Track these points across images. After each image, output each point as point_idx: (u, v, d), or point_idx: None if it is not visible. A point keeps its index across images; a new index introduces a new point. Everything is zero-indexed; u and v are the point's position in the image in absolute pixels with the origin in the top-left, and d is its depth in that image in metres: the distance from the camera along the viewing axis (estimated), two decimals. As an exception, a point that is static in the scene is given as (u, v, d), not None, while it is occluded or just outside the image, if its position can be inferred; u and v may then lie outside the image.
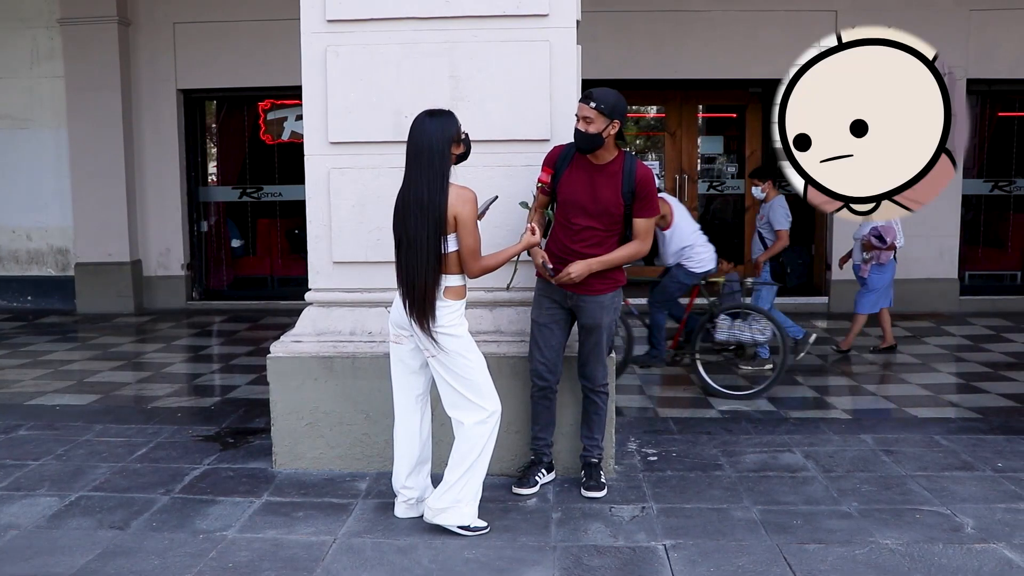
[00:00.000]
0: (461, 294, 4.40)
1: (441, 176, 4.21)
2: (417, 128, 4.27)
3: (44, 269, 11.70)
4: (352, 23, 5.24)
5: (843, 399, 7.10)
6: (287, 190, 11.66)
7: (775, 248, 8.14)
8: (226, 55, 11.06)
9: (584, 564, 4.13)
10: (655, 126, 13.02)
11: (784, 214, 8.17)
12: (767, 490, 5.03)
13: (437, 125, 4.25)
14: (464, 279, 4.41)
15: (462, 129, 4.36)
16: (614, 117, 4.65)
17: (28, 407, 6.88)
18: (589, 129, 4.66)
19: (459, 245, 4.30)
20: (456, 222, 4.25)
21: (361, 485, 5.11)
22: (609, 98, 4.65)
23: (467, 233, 4.28)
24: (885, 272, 8.47)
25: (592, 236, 4.78)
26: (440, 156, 4.21)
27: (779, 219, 8.14)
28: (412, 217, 4.23)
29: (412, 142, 4.26)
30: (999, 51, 10.72)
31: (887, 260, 8.40)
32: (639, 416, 6.66)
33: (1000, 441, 5.88)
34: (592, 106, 4.63)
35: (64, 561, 4.16)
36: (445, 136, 4.24)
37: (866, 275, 8.47)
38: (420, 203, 4.21)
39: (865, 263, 8.46)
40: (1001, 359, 8.49)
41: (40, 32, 11.22)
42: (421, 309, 4.26)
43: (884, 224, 8.18)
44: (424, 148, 4.22)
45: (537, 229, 4.65)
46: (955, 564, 4.11)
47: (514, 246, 4.61)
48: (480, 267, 4.38)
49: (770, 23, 10.65)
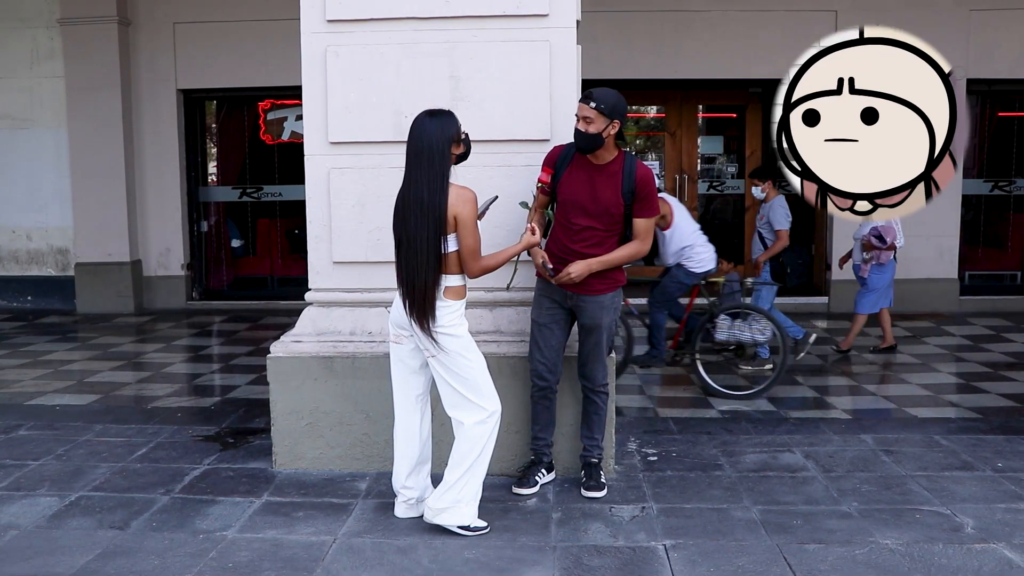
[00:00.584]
0: (461, 294, 4.40)
1: (441, 176, 4.21)
2: (417, 128, 4.27)
3: (44, 269, 11.70)
4: (352, 23, 5.24)
5: (843, 399, 7.10)
6: (287, 190, 11.66)
7: (775, 248, 8.14)
8: (226, 55, 11.06)
9: (584, 564, 4.13)
10: (655, 126, 13.02)
11: (784, 214, 8.17)
12: (767, 490, 5.03)
13: (437, 125, 4.25)
14: (464, 279, 4.41)
15: (462, 129, 4.36)
16: (614, 117, 4.65)
17: (28, 407, 6.88)
18: (589, 129, 4.65)
19: (459, 245, 4.30)
20: (456, 222, 4.25)
21: (361, 485, 5.11)
22: (609, 98, 4.65)
23: (467, 233, 4.28)
24: (885, 272, 8.47)
25: (592, 236, 4.77)
26: (440, 156, 4.21)
27: (779, 219, 8.14)
28: (412, 217, 4.23)
29: (412, 142, 4.26)
30: (999, 51, 10.72)
31: (887, 260, 8.39)
32: (639, 416, 6.65)
33: (1000, 441, 5.88)
34: (592, 106, 4.62)
35: (64, 561, 4.16)
36: (445, 136, 4.24)
37: (866, 275, 8.47)
38: (420, 203, 4.21)
39: (865, 263, 8.46)
40: (1001, 359, 8.49)
41: (40, 32, 11.22)
42: (421, 309, 4.25)
43: (884, 224, 8.18)
44: (424, 148, 4.22)
45: (537, 229, 4.65)
46: (955, 564, 4.11)
47: (514, 246, 4.61)
48: (480, 267, 4.38)
49: (770, 23, 10.66)
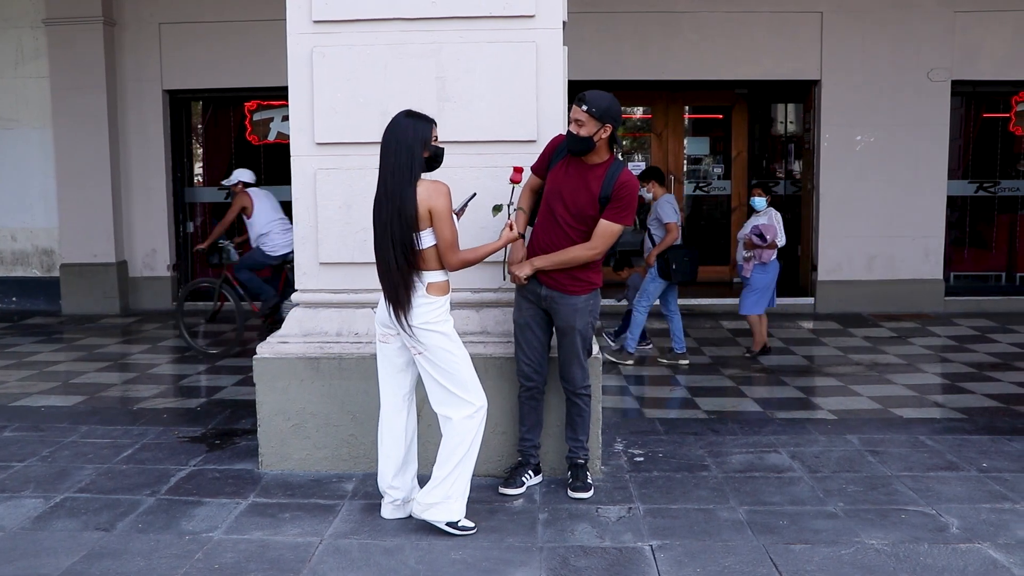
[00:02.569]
0: (444, 290, 4.42)
1: (409, 170, 4.26)
2: (391, 124, 4.34)
3: (29, 270, 11.64)
4: (338, 24, 5.24)
5: (829, 400, 7.12)
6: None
7: (666, 241, 8.24)
8: (212, 56, 11.02)
9: (571, 565, 4.13)
10: (641, 127, 13.05)
11: (672, 209, 8.34)
12: (753, 491, 5.04)
13: (411, 123, 4.31)
14: (447, 274, 4.44)
15: (437, 136, 4.40)
16: (606, 121, 4.63)
17: (13, 408, 6.84)
18: (580, 132, 4.64)
19: (436, 238, 4.33)
20: (432, 216, 4.28)
21: (348, 486, 5.10)
22: (602, 102, 4.63)
23: (444, 226, 4.31)
24: (768, 272, 8.47)
25: (572, 232, 4.77)
26: (408, 152, 4.26)
27: (668, 213, 8.28)
28: (384, 212, 4.29)
29: (385, 138, 4.32)
30: (983, 52, 10.78)
31: (769, 259, 8.42)
32: (625, 417, 6.67)
33: (985, 441, 5.91)
34: (584, 109, 4.61)
35: (49, 563, 4.14)
36: (417, 135, 4.29)
37: (748, 274, 8.51)
38: (389, 197, 4.27)
39: (747, 261, 8.49)
40: (986, 359, 8.53)
41: (25, 32, 11.17)
42: (400, 304, 4.30)
43: (766, 222, 8.30)
44: (393, 143, 4.28)
45: (516, 226, 4.66)
46: (940, 564, 4.12)
47: (494, 243, 4.66)
48: (459, 260, 4.41)
49: (756, 24, 10.70)
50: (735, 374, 7.93)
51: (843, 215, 10.82)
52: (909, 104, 10.65)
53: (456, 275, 4.54)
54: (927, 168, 10.77)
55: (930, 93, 10.65)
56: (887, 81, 10.62)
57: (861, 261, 10.91)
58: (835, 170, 10.83)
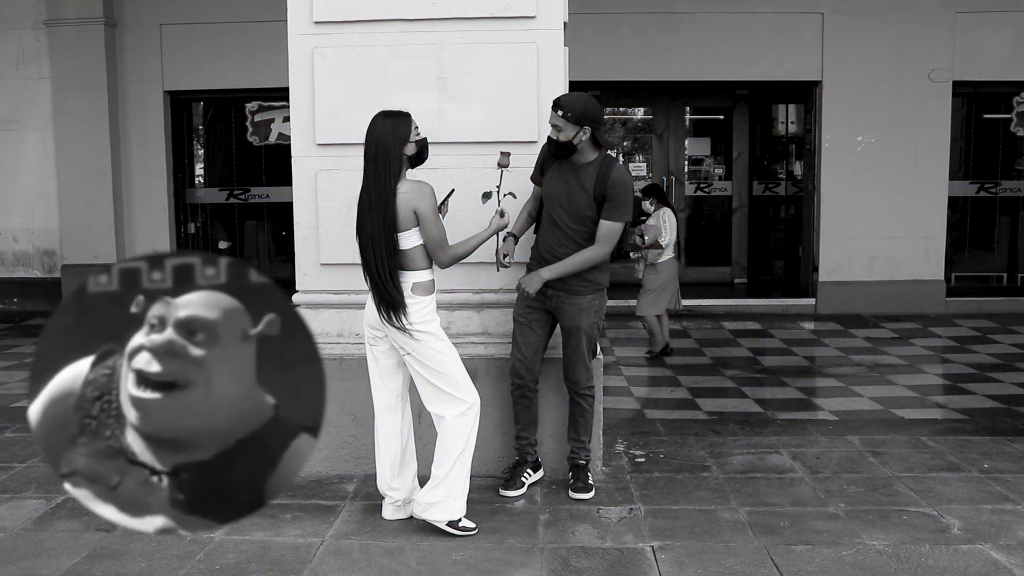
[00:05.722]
0: (430, 289, 4.42)
1: (388, 173, 4.26)
2: (370, 126, 4.34)
3: (30, 271, 11.64)
4: (339, 25, 5.24)
5: (830, 400, 7.12)
6: (274, 192, 11.64)
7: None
8: (213, 57, 11.01)
9: (572, 566, 4.13)
10: (643, 128, 13.06)
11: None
12: (754, 491, 5.04)
13: (389, 124, 4.32)
14: (432, 274, 4.44)
15: (418, 131, 4.39)
16: (583, 124, 4.61)
17: (14, 409, 6.84)
18: (560, 137, 4.64)
19: (424, 239, 4.34)
20: (417, 217, 4.30)
21: (349, 487, 5.10)
22: (577, 105, 4.61)
23: (430, 225, 4.32)
24: (660, 273, 8.50)
25: (573, 235, 4.77)
26: (386, 154, 4.26)
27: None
28: (366, 214, 4.30)
29: (365, 140, 4.33)
30: (984, 53, 10.76)
31: (656, 260, 8.46)
32: (626, 418, 6.66)
33: (986, 442, 5.91)
34: (559, 114, 4.60)
35: (51, 564, 4.15)
36: (396, 136, 4.29)
37: (640, 276, 8.59)
38: (371, 200, 4.28)
39: (636, 263, 8.58)
40: (987, 360, 8.53)
41: (26, 33, 11.16)
42: (388, 305, 4.30)
43: (651, 223, 8.38)
44: (372, 145, 4.29)
45: (506, 212, 4.65)
46: (942, 565, 4.12)
47: (483, 232, 4.64)
48: (450, 256, 4.43)
49: (757, 25, 10.69)
50: (736, 375, 7.93)
51: (844, 216, 10.80)
52: (910, 105, 10.64)
53: (457, 275, 4.54)
54: (928, 169, 10.76)
55: (931, 94, 10.63)
56: (888, 82, 10.61)
57: (862, 262, 10.90)
58: (836, 171, 10.82)
